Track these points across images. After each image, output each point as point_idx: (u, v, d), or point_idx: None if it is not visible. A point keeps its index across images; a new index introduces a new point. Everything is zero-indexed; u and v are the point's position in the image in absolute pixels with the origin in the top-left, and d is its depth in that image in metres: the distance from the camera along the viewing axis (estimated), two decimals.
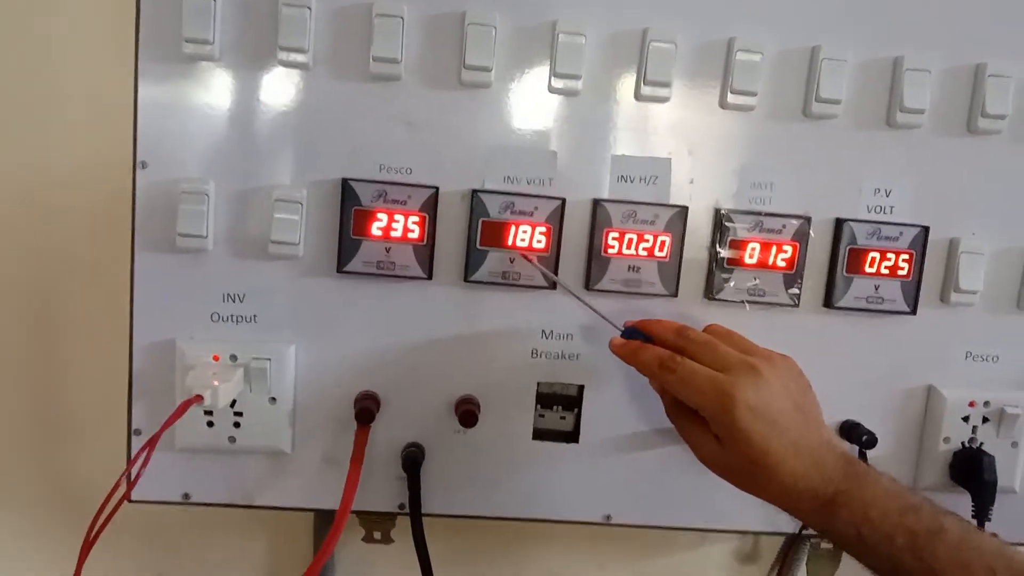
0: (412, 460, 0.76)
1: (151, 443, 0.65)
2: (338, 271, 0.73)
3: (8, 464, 0.88)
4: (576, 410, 0.78)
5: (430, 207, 0.72)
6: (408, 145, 0.72)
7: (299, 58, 0.70)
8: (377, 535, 0.86)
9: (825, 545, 0.87)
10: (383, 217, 0.72)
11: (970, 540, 0.56)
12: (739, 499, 0.79)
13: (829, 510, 0.59)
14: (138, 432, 0.74)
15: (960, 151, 0.77)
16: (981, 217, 0.78)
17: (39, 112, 0.82)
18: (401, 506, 0.78)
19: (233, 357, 0.74)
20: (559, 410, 0.79)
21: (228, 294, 0.74)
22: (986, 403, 0.79)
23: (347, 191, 0.72)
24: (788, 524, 0.81)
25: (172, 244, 0.71)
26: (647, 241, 0.75)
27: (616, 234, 0.74)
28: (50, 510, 0.89)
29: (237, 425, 0.75)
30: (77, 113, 0.81)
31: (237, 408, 0.74)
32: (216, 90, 0.71)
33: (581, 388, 0.78)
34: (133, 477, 0.67)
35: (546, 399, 0.78)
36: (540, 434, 0.79)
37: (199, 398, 0.68)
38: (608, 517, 0.80)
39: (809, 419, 0.62)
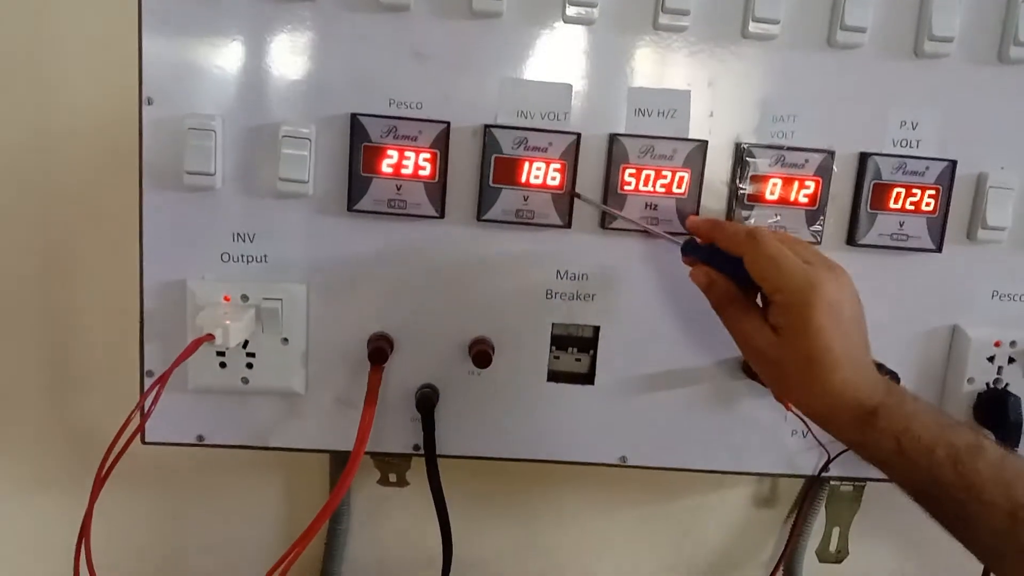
0: (426, 400, 0.75)
1: (162, 380, 0.64)
2: (349, 209, 0.72)
3: (21, 409, 0.88)
4: (591, 352, 0.77)
5: (441, 143, 0.71)
6: (418, 78, 0.70)
7: None
8: (392, 477, 0.86)
9: (845, 487, 0.86)
10: (393, 154, 0.71)
11: (1010, 460, 0.56)
12: (758, 441, 0.79)
13: (870, 421, 0.58)
14: (150, 374, 0.74)
15: (990, 81, 0.74)
16: (1011, 151, 0.75)
17: (43, 51, 0.80)
18: (416, 447, 0.78)
19: (244, 297, 0.73)
20: (574, 352, 0.78)
21: (238, 233, 0.73)
22: (1012, 343, 0.77)
23: (356, 127, 0.70)
24: (807, 466, 0.80)
25: (180, 182, 0.70)
26: (665, 177, 0.73)
27: (633, 170, 0.72)
28: (64, 455, 0.89)
29: (250, 366, 0.74)
30: (80, 49, 0.80)
31: (249, 349, 0.74)
32: (222, 23, 0.69)
33: (596, 329, 0.77)
34: (145, 414, 0.66)
35: (561, 341, 0.77)
36: (555, 376, 0.77)
37: (210, 337, 0.68)
38: (624, 459, 0.79)
39: (863, 332, 0.61)
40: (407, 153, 0.71)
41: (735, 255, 0.63)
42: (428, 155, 0.71)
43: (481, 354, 0.73)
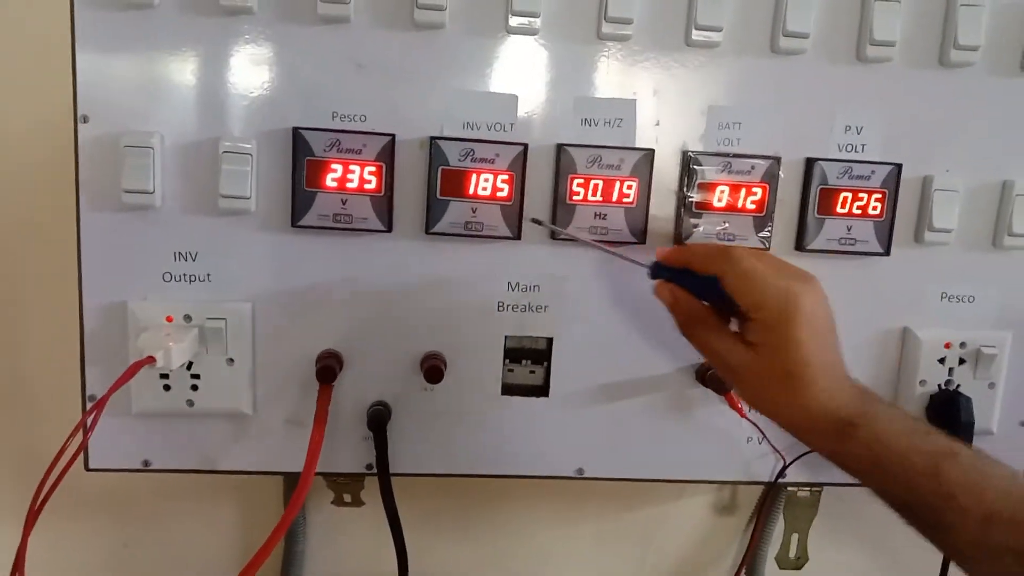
0: (378, 418, 0.74)
1: (99, 404, 0.62)
2: (293, 225, 0.70)
3: None
4: (545, 363, 0.77)
5: (387, 156, 0.70)
6: (361, 91, 0.70)
7: (242, 1, 0.67)
8: (347, 497, 0.84)
9: (802, 493, 0.86)
10: (338, 167, 0.69)
11: (983, 464, 0.56)
12: (714, 449, 0.79)
13: (847, 432, 0.58)
14: (93, 398, 0.72)
15: (932, 85, 0.74)
16: (955, 153, 0.76)
17: None
18: (369, 466, 0.76)
19: (187, 318, 0.71)
20: (528, 364, 0.77)
21: (180, 252, 0.71)
22: (962, 344, 0.78)
23: (298, 140, 0.69)
24: (764, 473, 0.80)
25: (119, 201, 0.68)
26: (613, 187, 0.72)
27: (581, 180, 0.72)
28: (6, 483, 0.86)
29: (195, 388, 0.72)
30: (12, 66, 0.78)
31: (194, 371, 0.72)
32: (158, 38, 0.68)
33: (550, 341, 0.76)
34: (84, 438, 0.65)
35: (514, 353, 0.76)
36: (509, 389, 0.77)
37: (151, 359, 0.66)
38: (581, 471, 0.79)
39: (837, 340, 0.61)
40: (352, 167, 0.70)
41: (709, 274, 0.62)
42: (373, 168, 0.70)
43: (433, 369, 0.72)
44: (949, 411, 0.77)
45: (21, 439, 0.86)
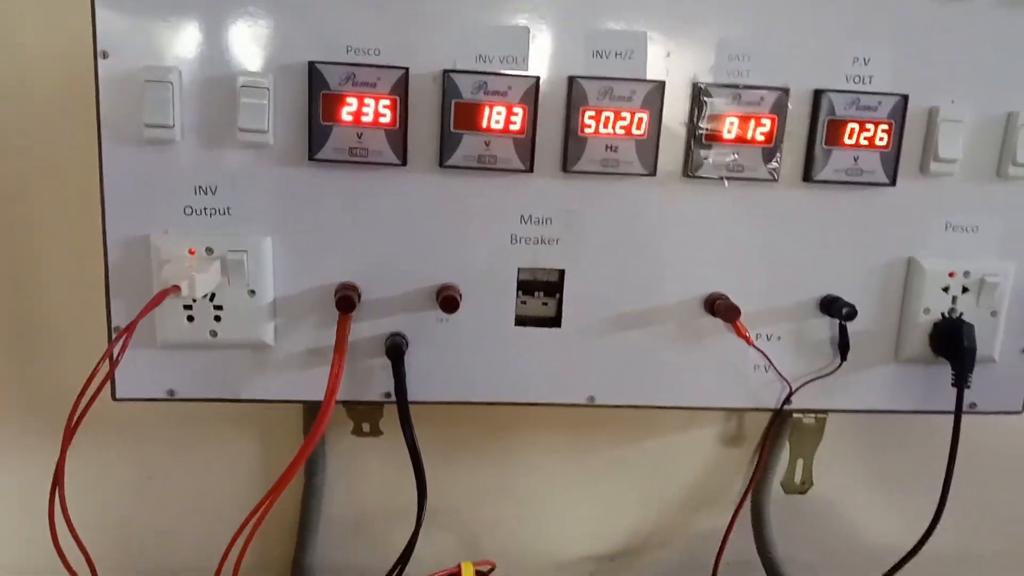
0: (396, 347, 0.76)
1: (129, 329, 0.64)
2: (310, 159, 0.72)
3: None
4: (557, 295, 0.78)
5: (401, 89, 0.71)
6: (375, 24, 0.70)
7: None
8: (366, 427, 0.87)
9: (808, 419, 0.88)
10: (352, 101, 0.71)
11: None
12: (722, 377, 0.81)
13: None
14: (118, 330, 0.74)
15: (940, 15, 0.75)
16: (961, 84, 0.76)
17: None
18: (387, 395, 0.79)
19: (209, 250, 0.73)
20: (540, 296, 0.79)
21: (200, 186, 0.73)
22: (966, 273, 0.80)
23: (314, 75, 0.70)
24: (771, 400, 0.82)
25: (140, 136, 0.70)
26: (624, 119, 0.73)
27: (592, 112, 0.73)
28: (35, 417, 0.89)
29: (218, 319, 0.74)
30: (36, 3, 0.79)
31: (216, 302, 0.74)
32: None
33: (562, 273, 0.78)
34: (112, 367, 0.67)
35: (527, 286, 0.78)
36: (522, 320, 0.79)
37: (176, 288, 0.68)
38: (592, 399, 0.81)
39: None
40: (366, 100, 0.71)
41: None
42: (388, 101, 0.71)
43: (448, 299, 0.74)
44: (952, 339, 0.79)
45: (49, 374, 0.88)
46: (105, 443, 0.89)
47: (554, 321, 0.79)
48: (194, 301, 0.73)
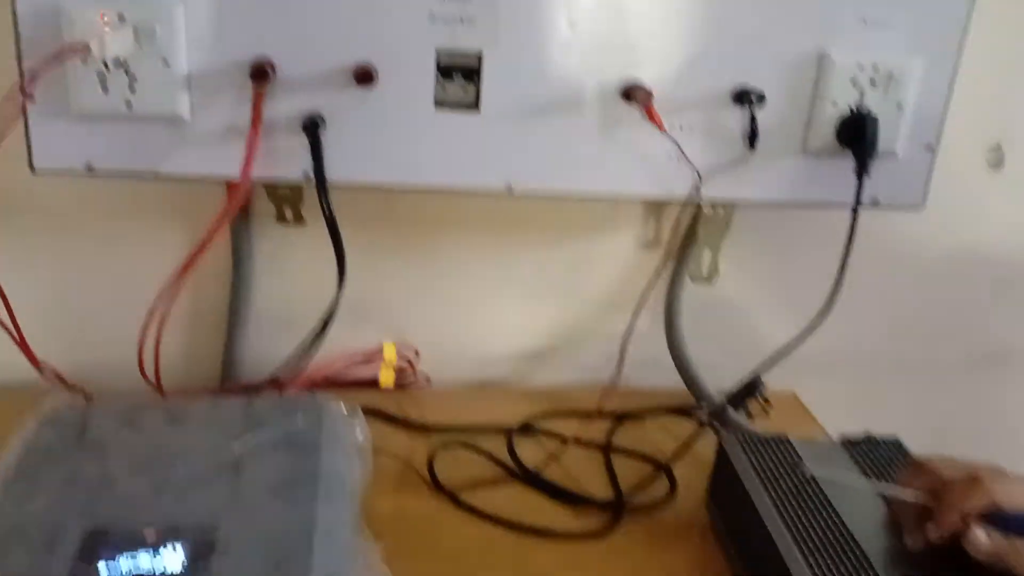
0: (312, 123, 0.76)
1: (35, 76, 0.64)
2: None
3: None
4: (476, 79, 0.79)
5: None
6: None
7: None
8: (288, 214, 0.88)
9: (715, 211, 0.92)
10: None
11: None
12: (638, 166, 0.83)
13: None
14: (31, 97, 0.74)
15: None
16: None
17: None
18: (306, 174, 0.80)
19: (121, 17, 0.72)
20: (459, 78, 0.79)
21: None
22: (875, 66, 0.81)
23: None
24: (681, 191, 0.84)
25: None
26: None
27: None
28: None
29: (132, 90, 0.74)
30: None
31: (130, 72, 0.74)
32: None
33: (479, 56, 0.78)
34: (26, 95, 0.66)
35: (446, 71, 0.79)
36: (441, 103, 0.79)
37: (86, 48, 0.68)
38: (510, 188, 0.83)
39: None
40: None
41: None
42: None
43: (363, 72, 0.75)
44: (856, 130, 0.82)
45: None
46: (30, 234, 0.90)
47: (473, 105, 0.80)
48: (107, 67, 0.72)
